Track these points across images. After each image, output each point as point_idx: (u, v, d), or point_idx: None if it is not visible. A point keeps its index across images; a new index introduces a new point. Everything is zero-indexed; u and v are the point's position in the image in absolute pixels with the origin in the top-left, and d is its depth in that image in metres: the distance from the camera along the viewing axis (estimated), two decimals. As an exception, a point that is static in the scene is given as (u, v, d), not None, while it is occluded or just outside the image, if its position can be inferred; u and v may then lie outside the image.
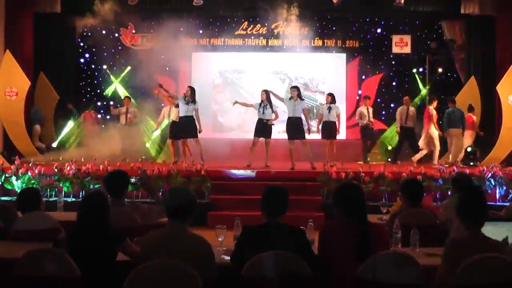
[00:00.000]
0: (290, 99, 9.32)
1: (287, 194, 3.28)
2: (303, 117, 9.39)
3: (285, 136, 9.49)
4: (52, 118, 11.60)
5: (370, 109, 11.07)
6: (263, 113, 9.42)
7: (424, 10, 11.89)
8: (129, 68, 12.41)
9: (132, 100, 11.67)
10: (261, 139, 9.44)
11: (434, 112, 10.38)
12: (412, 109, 11.08)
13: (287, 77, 12.99)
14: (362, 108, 11.07)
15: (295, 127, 9.27)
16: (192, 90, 9.56)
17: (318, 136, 10.21)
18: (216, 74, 13.11)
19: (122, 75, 12.51)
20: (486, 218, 3.10)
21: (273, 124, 9.55)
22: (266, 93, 9.47)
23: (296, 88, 9.45)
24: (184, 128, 9.58)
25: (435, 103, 10.54)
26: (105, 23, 11.57)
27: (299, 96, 9.36)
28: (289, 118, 9.32)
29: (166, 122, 10.82)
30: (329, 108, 9.92)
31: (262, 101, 9.48)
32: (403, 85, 12.88)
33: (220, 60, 13.08)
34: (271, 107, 9.45)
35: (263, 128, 9.41)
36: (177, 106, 9.73)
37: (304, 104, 9.46)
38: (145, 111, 11.74)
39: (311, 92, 12.89)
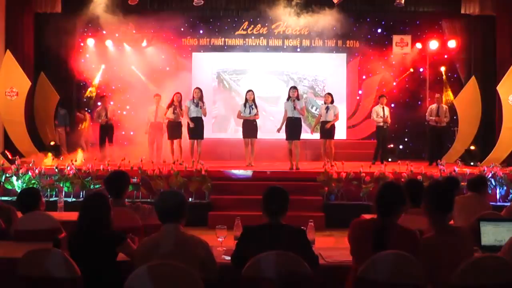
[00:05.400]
0: (288, 99, 9.33)
1: (287, 194, 3.28)
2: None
3: (283, 136, 9.49)
4: (52, 118, 11.61)
5: (387, 109, 10.64)
6: (249, 113, 9.57)
7: (424, 10, 11.88)
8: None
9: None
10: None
11: None
12: (444, 107, 10.84)
13: (290, 78, 12.98)
14: (377, 107, 10.72)
15: (294, 127, 9.30)
16: (201, 91, 9.74)
17: (317, 136, 10.21)
18: (216, 74, 13.11)
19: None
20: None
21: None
22: (253, 93, 9.69)
23: (296, 88, 9.48)
24: (192, 129, 9.67)
25: None
26: (105, 23, 11.58)
27: (298, 96, 9.39)
28: (289, 118, 9.33)
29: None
30: (327, 108, 9.88)
31: (247, 101, 9.59)
32: (404, 85, 12.88)
33: (220, 60, 13.08)
34: (256, 107, 9.65)
35: (251, 128, 9.58)
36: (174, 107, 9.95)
37: (302, 103, 9.49)
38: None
39: (320, 98, 12.33)
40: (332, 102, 9.92)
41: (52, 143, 11.12)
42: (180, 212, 3.05)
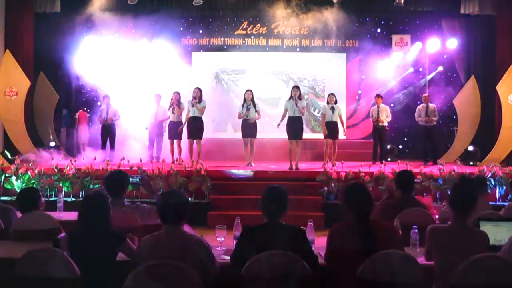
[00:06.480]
0: (290, 98, 9.32)
1: (287, 194, 3.28)
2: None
3: (284, 135, 9.48)
4: (52, 118, 11.60)
5: (383, 107, 10.50)
6: (247, 113, 9.57)
7: (424, 10, 11.89)
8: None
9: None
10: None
11: None
12: (432, 106, 10.76)
13: (289, 78, 12.97)
14: (372, 107, 10.75)
15: (296, 127, 9.29)
16: (200, 90, 9.72)
17: (318, 136, 10.20)
18: (216, 74, 13.10)
19: None
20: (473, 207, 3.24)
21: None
22: (252, 93, 9.66)
23: (298, 88, 9.46)
24: (191, 129, 9.66)
25: None
26: (104, 23, 11.57)
27: (300, 95, 9.38)
28: (290, 118, 9.32)
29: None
30: (332, 108, 9.87)
31: (245, 101, 9.58)
32: (403, 85, 12.88)
33: (220, 60, 13.08)
34: (255, 106, 9.61)
35: (248, 128, 9.56)
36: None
37: (303, 103, 9.49)
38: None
39: (321, 99, 12.53)
40: (336, 102, 9.93)
41: (52, 143, 11.12)
42: (182, 213, 3.05)
